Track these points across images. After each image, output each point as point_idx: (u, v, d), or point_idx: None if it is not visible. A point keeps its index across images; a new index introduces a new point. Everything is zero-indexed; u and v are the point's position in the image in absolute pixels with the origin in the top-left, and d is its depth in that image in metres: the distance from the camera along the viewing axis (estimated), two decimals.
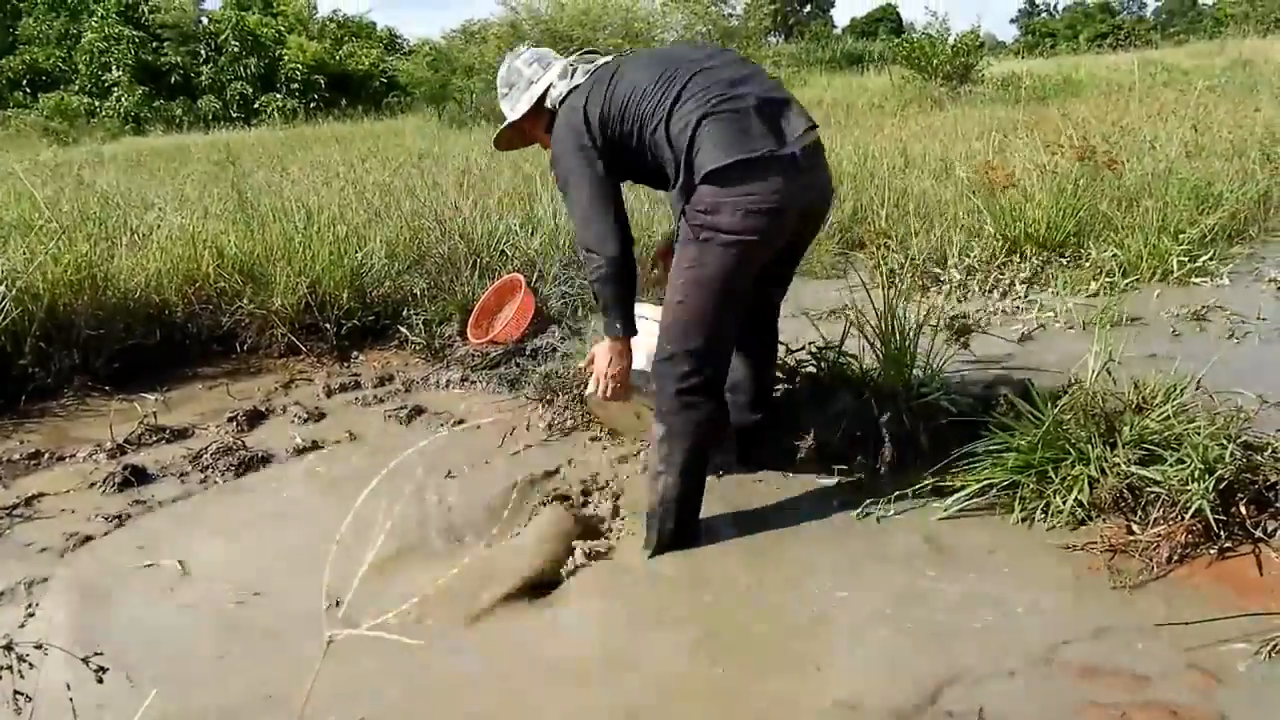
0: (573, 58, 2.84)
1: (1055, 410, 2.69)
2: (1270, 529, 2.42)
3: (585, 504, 3.00)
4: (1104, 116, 8.74)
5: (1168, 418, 2.62)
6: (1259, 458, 2.52)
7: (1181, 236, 4.94)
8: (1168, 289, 4.64)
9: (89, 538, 2.93)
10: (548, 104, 2.77)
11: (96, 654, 1.49)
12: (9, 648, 1.37)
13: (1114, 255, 4.89)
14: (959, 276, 4.94)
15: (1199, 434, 2.51)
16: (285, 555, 2.79)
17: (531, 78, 2.82)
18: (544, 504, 2.97)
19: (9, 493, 3.27)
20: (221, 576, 2.67)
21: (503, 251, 5.11)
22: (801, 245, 2.82)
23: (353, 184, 6.75)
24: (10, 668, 1.41)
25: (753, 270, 2.52)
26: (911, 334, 3.22)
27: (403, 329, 4.60)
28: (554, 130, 2.71)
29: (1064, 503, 2.63)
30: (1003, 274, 4.98)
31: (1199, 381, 2.83)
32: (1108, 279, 4.69)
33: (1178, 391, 2.74)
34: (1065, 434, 2.70)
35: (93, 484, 3.31)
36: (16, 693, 1.45)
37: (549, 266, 4.78)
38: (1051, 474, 2.69)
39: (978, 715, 1.92)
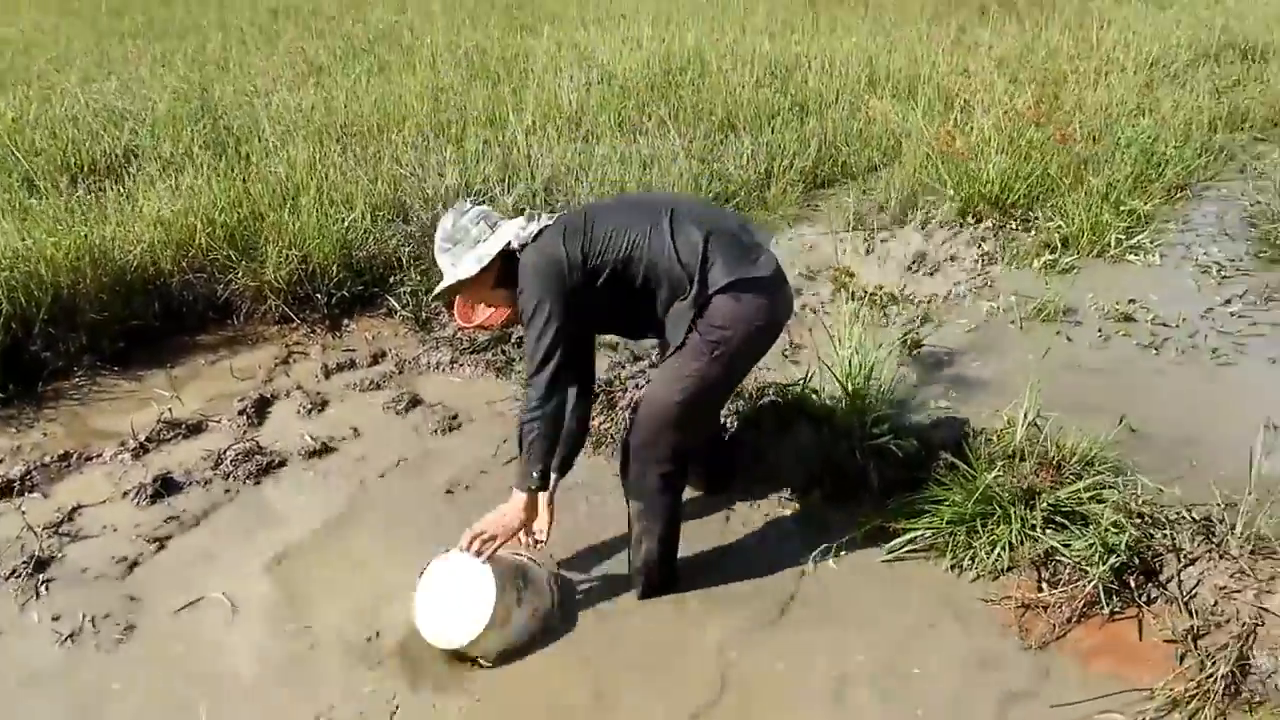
0: (529, 212, 2.94)
1: (987, 479, 3.12)
2: (1152, 595, 2.92)
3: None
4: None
5: (1079, 493, 3.07)
6: (1155, 535, 3.00)
7: (1122, 209, 5.29)
8: (1104, 269, 5.01)
9: (136, 564, 3.30)
10: (514, 244, 2.81)
11: None
12: None
13: (1058, 226, 5.24)
14: (920, 243, 5.28)
15: (1103, 518, 2.97)
16: (318, 582, 3.20)
17: (479, 236, 2.83)
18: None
19: (50, 504, 3.59)
20: (268, 611, 3.08)
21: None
22: None
23: (325, 103, 6.76)
24: None
25: (744, 376, 2.87)
26: (868, 370, 3.61)
27: (390, 299, 4.86)
28: (525, 261, 2.78)
29: (988, 557, 3.10)
30: (957, 239, 5.31)
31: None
32: (1050, 254, 5.06)
33: (1091, 463, 3.18)
34: (993, 494, 3.15)
35: (125, 493, 3.62)
36: None
37: None
38: (979, 528, 3.16)
39: None
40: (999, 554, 3.08)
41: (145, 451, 3.90)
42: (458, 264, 2.85)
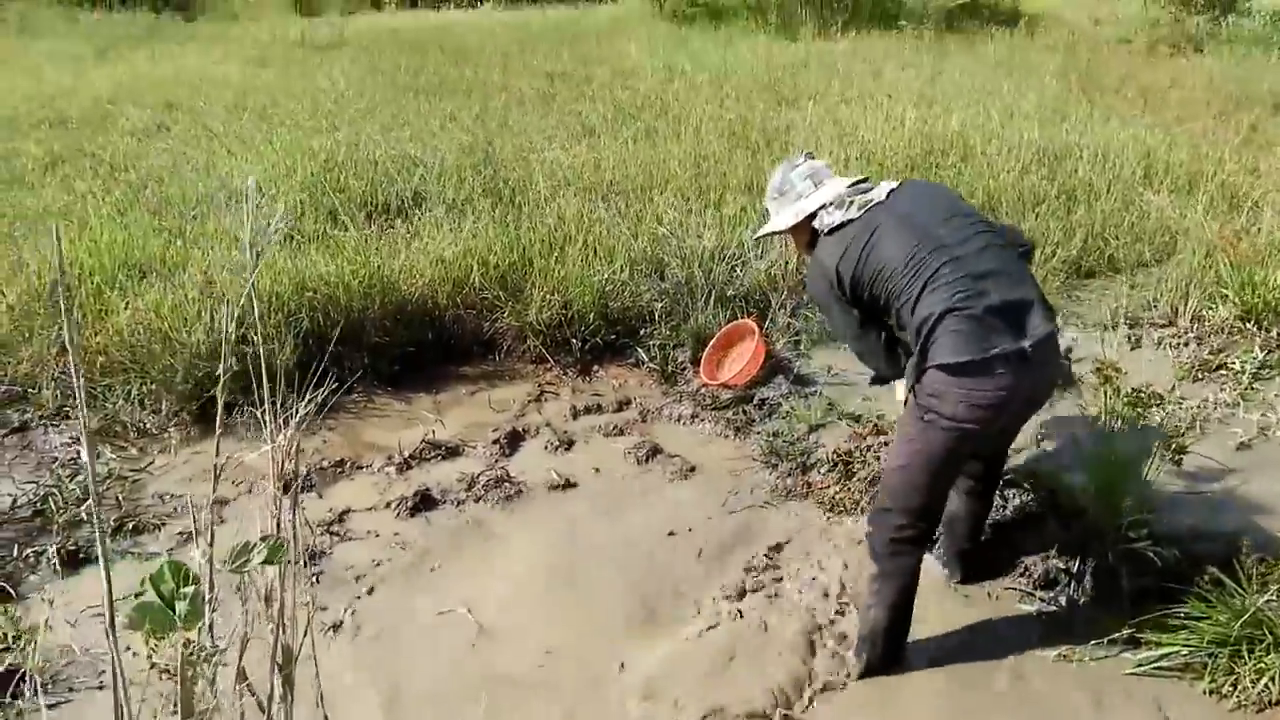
0: (846, 188, 3.04)
1: (1259, 600, 2.88)
2: None
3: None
4: None
5: None
6: None
7: None
8: None
9: (393, 569, 3.58)
10: (815, 225, 3.05)
11: None
12: None
13: None
14: (1192, 346, 4.95)
15: None
16: (553, 607, 3.35)
17: (802, 192, 3.10)
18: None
19: (324, 504, 3.97)
20: (512, 633, 3.26)
21: (733, 270, 5.44)
22: (1023, 422, 3.07)
23: (594, 162, 7.16)
24: None
25: (969, 448, 2.81)
26: (1125, 470, 3.43)
27: (640, 350, 5.06)
28: (812, 264, 3.08)
29: (1253, 686, 2.86)
30: (1233, 349, 4.93)
31: None
32: None
33: None
34: (1264, 618, 2.90)
35: (389, 503, 3.95)
36: None
37: (780, 307, 5.10)
38: (1244, 653, 2.91)
39: None
40: (1266, 684, 2.83)
41: (409, 467, 4.23)
42: (779, 214, 3.15)
